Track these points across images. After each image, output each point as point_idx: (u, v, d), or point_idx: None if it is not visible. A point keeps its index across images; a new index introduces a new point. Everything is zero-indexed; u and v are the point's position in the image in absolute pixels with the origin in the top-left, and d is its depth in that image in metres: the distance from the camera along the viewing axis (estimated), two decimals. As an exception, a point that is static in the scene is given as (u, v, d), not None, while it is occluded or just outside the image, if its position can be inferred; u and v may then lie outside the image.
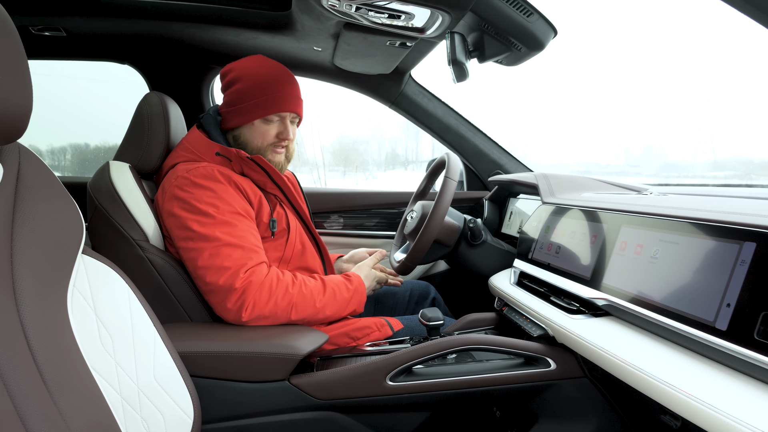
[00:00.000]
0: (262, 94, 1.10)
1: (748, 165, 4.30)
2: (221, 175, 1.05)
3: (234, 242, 0.99)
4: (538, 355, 0.94)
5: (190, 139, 1.13)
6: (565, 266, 1.00)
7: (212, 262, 0.98)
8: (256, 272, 0.99)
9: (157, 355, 0.83)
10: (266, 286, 0.99)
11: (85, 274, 0.79)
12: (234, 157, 1.09)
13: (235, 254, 0.99)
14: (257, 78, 1.11)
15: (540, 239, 1.14)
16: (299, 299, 1.02)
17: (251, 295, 0.97)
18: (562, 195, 1.20)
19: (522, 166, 1.76)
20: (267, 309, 0.99)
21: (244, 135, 1.14)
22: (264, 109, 1.11)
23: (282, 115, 1.13)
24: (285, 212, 1.16)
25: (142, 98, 1.17)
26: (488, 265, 1.33)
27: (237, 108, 1.12)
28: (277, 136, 1.14)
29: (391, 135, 6.93)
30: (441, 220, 1.19)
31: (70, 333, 0.71)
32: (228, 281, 0.97)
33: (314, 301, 1.04)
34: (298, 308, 1.02)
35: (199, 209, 1.01)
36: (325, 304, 1.06)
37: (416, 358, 0.93)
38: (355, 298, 1.12)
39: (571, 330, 0.88)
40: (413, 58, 1.43)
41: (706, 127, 4.04)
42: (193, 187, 1.03)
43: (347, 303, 1.10)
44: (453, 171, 1.24)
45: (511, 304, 1.12)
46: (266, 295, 0.99)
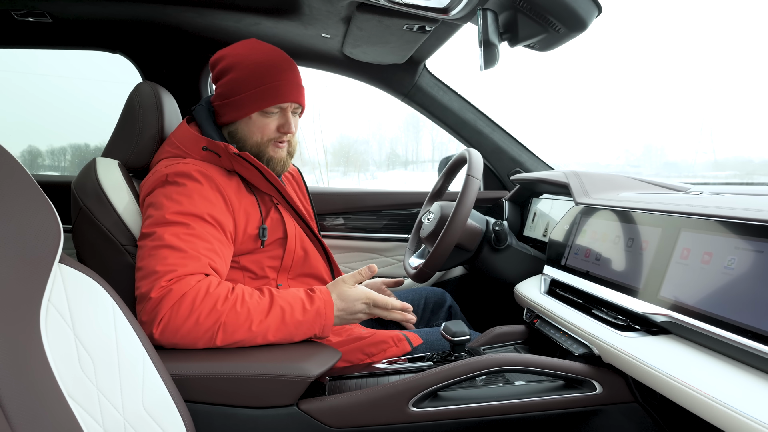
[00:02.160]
0: (260, 84, 0.97)
1: (748, 165, 4.21)
2: (201, 174, 0.93)
3: (176, 245, 0.85)
4: (581, 377, 0.83)
5: (178, 134, 1.01)
6: (608, 275, 0.89)
7: (145, 264, 0.84)
8: (182, 282, 0.81)
9: (146, 379, 0.72)
10: (188, 298, 0.80)
11: (63, 286, 0.69)
12: (222, 152, 0.96)
13: (170, 258, 0.83)
14: (252, 65, 0.97)
15: (574, 244, 1.03)
16: (230, 319, 0.81)
17: (166, 308, 0.79)
18: (598, 195, 1.09)
19: (543, 164, 1.65)
20: (184, 327, 0.79)
21: (241, 130, 1.01)
22: (262, 100, 0.97)
23: (283, 106, 1.00)
24: (281, 216, 1.03)
25: (134, 88, 1.06)
26: (513, 271, 1.21)
27: (231, 101, 0.99)
28: (277, 130, 1.01)
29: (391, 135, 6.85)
30: (463, 222, 1.08)
31: (42, 356, 0.61)
32: (147, 288, 0.82)
33: (250, 322, 0.82)
34: (226, 329, 0.81)
35: (159, 204, 0.89)
36: (266, 327, 0.83)
37: (443, 381, 0.81)
38: (317, 321, 0.86)
39: (622, 349, 0.76)
40: (429, 46, 1.32)
41: (706, 127, 3.95)
42: (165, 183, 0.92)
43: (298, 327, 0.85)
44: (475, 168, 1.13)
45: (544, 316, 1.01)
46: (186, 309, 0.79)
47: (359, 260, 1.68)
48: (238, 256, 0.99)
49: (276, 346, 0.88)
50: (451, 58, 1.55)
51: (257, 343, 0.84)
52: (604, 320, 0.85)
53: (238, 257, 0.99)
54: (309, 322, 0.86)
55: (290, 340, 0.87)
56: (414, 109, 1.60)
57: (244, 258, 1.00)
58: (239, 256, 0.99)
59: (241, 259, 0.99)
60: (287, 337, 0.86)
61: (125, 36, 1.43)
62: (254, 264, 1.00)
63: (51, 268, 0.66)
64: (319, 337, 0.89)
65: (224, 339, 0.81)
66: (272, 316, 0.84)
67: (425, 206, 1.41)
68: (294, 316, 0.85)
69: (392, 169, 6.23)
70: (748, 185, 1.67)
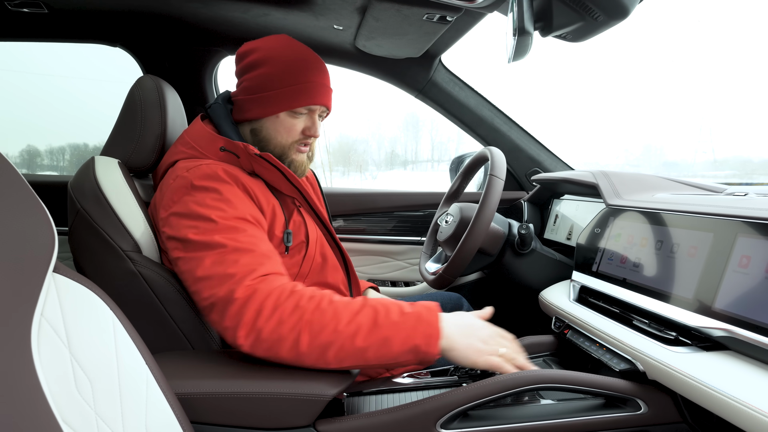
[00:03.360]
0: (293, 82, 0.92)
1: (748, 164, 4.16)
2: (227, 174, 0.86)
3: (242, 247, 0.79)
4: (625, 396, 0.76)
5: (192, 132, 0.94)
6: (649, 283, 0.82)
7: (214, 271, 0.77)
8: (267, 280, 0.77)
9: (150, 401, 0.65)
10: (273, 297, 0.74)
11: (57, 298, 0.62)
12: (242, 152, 0.89)
13: (243, 260, 0.78)
14: (287, 62, 0.92)
15: (608, 249, 0.96)
16: (314, 317, 0.73)
17: (253, 308, 0.73)
18: (630, 196, 1.02)
19: (562, 164, 1.58)
20: (267, 327, 0.73)
21: (266, 129, 0.95)
22: (294, 100, 0.92)
23: (312, 108, 0.95)
24: (303, 220, 0.97)
25: (135, 82, 0.99)
26: (537, 277, 1.15)
27: (260, 96, 0.93)
28: (303, 132, 0.96)
29: (391, 135, 6.81)
30: (487, 225, 1.01)
31: (33, 377, 0.54)
32: (228, 290, 0.75)
33: (337, 321, 0.73)
34: (312, 329, 0.72)
35: (198, 214, 0.81)
36: (356, 327, 0.73)
37: (474, 400, 0.74)
38: (418, 327, 0.74)
39: (673, 365, 0.69)
40: (447, 39, 1.25)
41: (705, 127, 3.89)
42: (192, 189, 0.84)
43: (395, 330, 0.73)
44: (498, 168, 1.06)
45: (576, 326, 0.94)
46: (270, 308, 0.74)
47: (370, 263, 1.61)
48: None
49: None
50: (454, 56, 1.48)
51: (347, 349, 0.72)
52: (648, 333, 0.78)
53: None
54: (408, 325, 0.74)
55: (387, 351, 0.73)
56: (429, 106, 1.53)
57: None
58: None
59: None
60: (381, 342, 0.72)
61: (125, 28, 1.36)
62: None
63: (44, 278, 0.59)
64: (424, 355, 0.74)
65: (310, 341, 0.72)
66: (363, 315, 0.74)
67: (441, 208, 1.34)
68: (389, 317, 0.74)
69: (392, 168, 6.20)
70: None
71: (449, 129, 8.11)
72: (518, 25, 0.76)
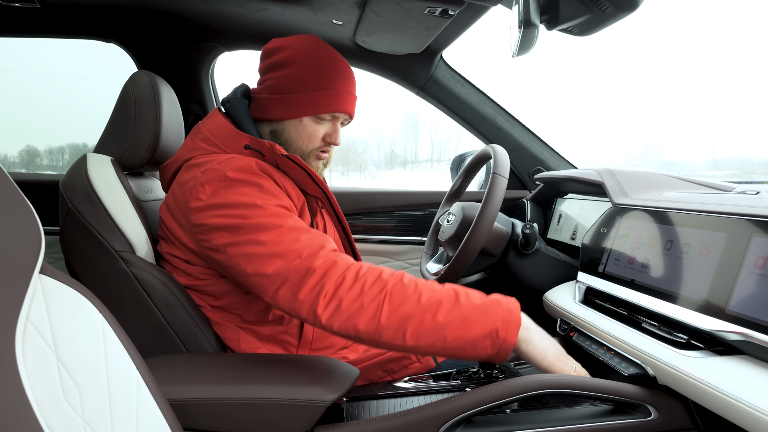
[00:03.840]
0: (321, 87, 0.89)
1: (747, 164, 4.15)
2: (260, 168, 0.83)
3: (297, 227, 0.77)
4: (634, 401, 0.74)
5: (212, 128, 0.89)
6: (659, 285, 0.79)
7: (278, 249, 0.74)
8: (343, 256, 0.76)
9: (141, 407, 0.63)
10: (354, 268, 0.73)
11: (43, 300, 0.59)
12: (268, 152, 0.86)
13: (303, 237, 0.76)
14: (316, 65, 0.90)
15: (614, 249, 0.93)
16: (396, 289, 0.72)
17: (334, 278, 0.72)
18: (637, 195, 0.99)
19: (566, 162, 1.56)
20: (349, 295, 0.71)
21: (288, 132, 0.92)
22: (320, 104, 0.90)
23: (336, 116, 0.93)
24: (324, 222, 0.96)
25: (129, 78, 0.97)
26: (541, 278, 1.12)
27: (285, 97, 0.90)
28: (323, 139, 0.94)
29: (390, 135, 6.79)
30: (490, 224, 0.99)
31: (17, 384, 0.51)
32: (305, 261, 0.73)
33: (419, 294, 0.72)
34: (392, 300, 0.71)
35: (242, 203, 0.78)
36: (437, 302, 0.71)
37: (478, 406, 0.72)
38: (498, 311, 0.73)
39: (685, 371, 0.67)
40: (449, 34, 1.22)
41: (705, 127, 3.89)
42: (227, 181, 0.80)
43: (476, 311, 0.71)
44: (502, 166, 1.03)
45: (582, 328, 0.91)
46: (351, 279, 0.72)
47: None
48: None
49: (286, 367, 0.78)
50: (455, 53, 1.46)
51: (426, 324, 0.70)
52: (658, 336, 0.76)
53: None
54: (489, 309, 0.72)
55: (466, 332, 0.70)
56: (430, 104, 1.50)
57: None
58: None
59: None
60: (462, 320, 0.71)
61: (119, 23, 1.34)
62: None
63: (30, 279, 0.57)
64: (503, 342, 0.72)
65: (390, 312, 0.70)
66: (444, 292, 0.73)
67: (443, 207, 1.31)
68: (470, 299, 0.73)
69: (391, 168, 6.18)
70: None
71: (449, 129, 8.07)
72: (524, 17, 0.73)
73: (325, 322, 0.72)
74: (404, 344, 0.71)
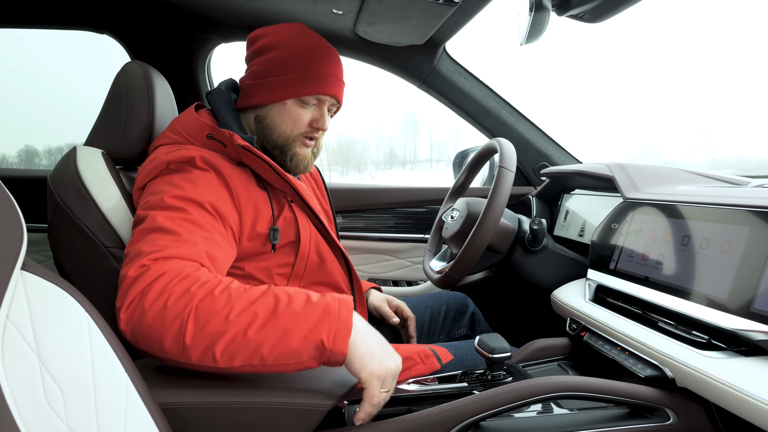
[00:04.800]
0: (303, 69, 0.88)
1: (746, 164, 4.11)
2: (203, 161, 0.80)
3: (169, 228, 0.71)
4: (652, 404, 0.70)
5: (181, 119, 0.89)
6: (677, 282, 0.76)
7: (132, 248, 0.69)
8: (166, 262, 0.66)
9: (129, 413, 0.59)
10: (164, 279, 0.64)
11: (25, 298, 0.55)
12: (228, 141, 0.83)
13: (161, 240, 0.69)
14: (298, 48, 0.89)
15: (627, 245, 0.90)
16: (204, 304, 0.62)
17: (137, 288, 0.63)
18: (650, 189, 0.95)
19: (571, 158, 1.52)
20: (151, 311, 0.62)
21: (271, 116, 0.90)
22: (303, 86, 0.88)
23: (321, 99, 0.91)
24: (294, 216, 0.90)
25: (121, 68, 0.93)
26: (549, 275, 1.08)
27: (267, 81, 0.89)
28: (310, 124, 0.91)
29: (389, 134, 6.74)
30: (497, 220, 0.95)
31: (-4, 388, 0.47)
32: (125, 269, 0.66)
33: (230, 309, 0.62)
34: (198, 317, 0.61)
35: (154, 191, 0.77)
36: (250, 318, 0.62)
37: (488, 410, 0.68)
38: (324, 320, 0.63)
39: (707, 372, 0.63)
40: (453, 24, 1.18)
41: (704, 126, 3.85)
42: (165, 171, 0.80)
43: (295, 321, 0.62)
44: (508, 160, 1.00)
45: (594, 328, 0.88)
46: (157, 290, 0.63)
47: (371, 262, 1.54)
48: (244, 260, 0.85)
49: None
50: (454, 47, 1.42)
51: (238, 342, 0.61)
52: (676, 336, 0.72)
53: (242, 262, 0.85)
54: (313, 317, 0.63)
55: (285, 347, 0.61)
56: (432, 97, 1.46)
57: (250, 263, 0.86)
58: (244, 260, 0.86)
59: (247, 264, 0.86)
60: (280, 335, 0.61)
61: (113, 13, 1.29)
62: (261, 271, 0.87)
63: (10, 275, 0.53)
64: (330, 353, 0.62)
65: (195, 330, 0.61)
66: (261, 303, 0.63)
67: (446, 203, 1.27)
68: (291, 307, 0.63)
69: (391, 168, 6.14)
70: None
71: (448, 128, 8.03)
72: (536, 0, 0.70)
73: (129, 339, 0.64)
74: (216, 365, 0.62)
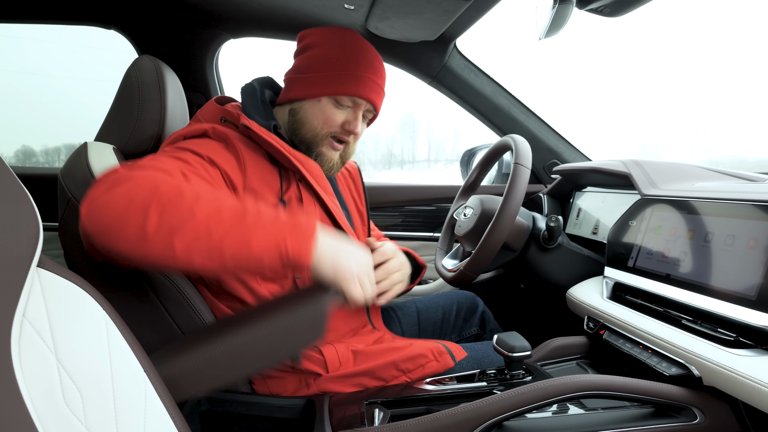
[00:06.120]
0: (342, 69, 0.88)
1: (743, 164, 4.11)
2: (216, 133, 0.83)
3: (154, 164, 0.68)
4: (678, 403, 0.69)
5: (203, 109, 0.94)
6: (700, 280, 0.74)
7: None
8: (141, 170, 0.65)
9: (149, 414, 0.57)
10: (135, 178, 0.62)
11: (42, 296, 0.54)
12: (238, 122, 0.86)
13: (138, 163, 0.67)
14: (341, 48, 0.89)
15: (646, 242, 0.88)
16: (170, 195, 0.61)
17: (106, 183, 0.62)
18: (668, 186, 0.94)
19: (581, 155, 1.51)
20: (116, 199, 0.60)
21: (304, 110, 0.91)
22: (338, 85, 0.88)
23: (357, 102, 0.90)
24: (301, 194, 0.88)
25: (132, 63, 0.91)
26: (564, 273, 1.07)
27: (306, 76, 0.90)
28: (342, 126, 0.90)
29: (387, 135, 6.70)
30: (513, 217, 0.94)
31: (13, 388, 0.46)
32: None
33: (195, 202, 0.61)
34: (164, 205, 0.60)
35: (163, 150, 0.81)
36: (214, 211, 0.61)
37: (512, 410, 0.67)
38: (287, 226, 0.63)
39: (736, 370, 0.62)
40: (464, 20, 1.17)
41: (701, 127, 3.84)
42: (177, 140, 0.84)
43: (262, 222, 0.62)
44: (524, 156, 0.98)
45: (614, 326, 0.86)
46: (126, 186, 0.61)
47: (379, 261, 1.53)
48: None
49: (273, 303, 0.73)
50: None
51: (201, 239, 0.60)
52: (702, 334, 0.71)
53: None
54: (278, 223, 0.63)
55: (246, 248, 0.61)
56: (443, 94, 1.45)
57: None
58: None
59: None
60: (242, 233, 0.61)
61: (121, 8, 1.27)
62: None
63: (26, 273, 0.51)
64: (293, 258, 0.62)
65: (158, 220, 0.59)
66: (229, 208, 0.62)
67: (457, 201, 1.26)
68: (260, 220, 0.63)
69: (389, 168, 6.10)
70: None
71: (446, 129, 8.00)
72: (560, -10, 0.68)
73: (89, 232, 0.61)
74: (175, 258, 0.60)
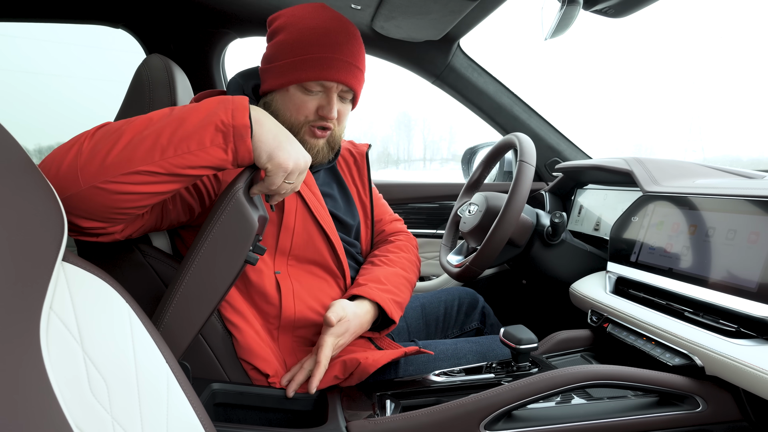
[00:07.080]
0: (303, 53, 0.81)
1: (737, 163, 4.15)
2: None
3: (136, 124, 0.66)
4: (681, 392, 0.71)
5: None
6: (703, 273, 0.77)
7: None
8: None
9: (171, 403, 0.59)
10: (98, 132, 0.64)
11: (67, 290, 0.55)
12: None
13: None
14: (303, 30, 0.81)
15: (648, 238, 0.90)
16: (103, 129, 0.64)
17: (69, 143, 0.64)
18: (670, 183, 0.97)
19: (582, 153, 1.53)
20: (59, 150, 0.63)
21: (275, 102, 0.86)
22: (301, 71, 0.81)
23: (327, 86, 0.83)
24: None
25: (143, 61, 0.92)
26: (567, 269, 1.09)
27: (272, 66, 0.84)
28: (317, 113, 0.84)
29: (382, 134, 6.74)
30: (518, 213, 0.96)
31: (44, 379, 0.47)
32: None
33: (127, 122, 0.64)
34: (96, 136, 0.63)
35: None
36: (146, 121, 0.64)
37: (520, 399, 0.69)
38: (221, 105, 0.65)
39: (740, 359, 0.64)
40: (469, 20, 1.19)
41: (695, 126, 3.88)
42: None
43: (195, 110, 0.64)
44: (528, 154, 1.00)
45: (618, 319, 0.89)
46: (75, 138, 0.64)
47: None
48: None
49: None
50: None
51: (135, 142, 0.61)
52: (704, 325, 0.73)
53: None
54: (210, 105, 0.64)
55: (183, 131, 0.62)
56: (446, 93, 1.47)
57: None
58: None
59: None
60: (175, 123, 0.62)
61: (129, 7, 1.28)
62: None
63: (53, 266, 0.52)
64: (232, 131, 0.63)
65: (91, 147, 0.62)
66: (156, 113, 0.65)
67: (461, 198, 1.28)
68: (187, 107, 0.65)
69: (385, 167, 6.12)
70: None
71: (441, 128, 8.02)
72: (568, -9, 0.70)
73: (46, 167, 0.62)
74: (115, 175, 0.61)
